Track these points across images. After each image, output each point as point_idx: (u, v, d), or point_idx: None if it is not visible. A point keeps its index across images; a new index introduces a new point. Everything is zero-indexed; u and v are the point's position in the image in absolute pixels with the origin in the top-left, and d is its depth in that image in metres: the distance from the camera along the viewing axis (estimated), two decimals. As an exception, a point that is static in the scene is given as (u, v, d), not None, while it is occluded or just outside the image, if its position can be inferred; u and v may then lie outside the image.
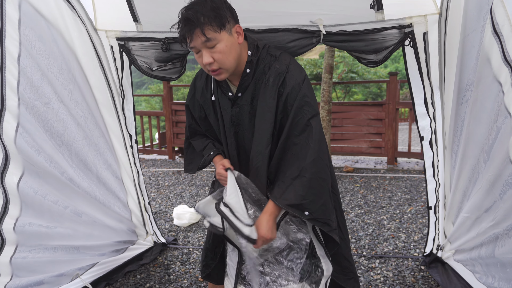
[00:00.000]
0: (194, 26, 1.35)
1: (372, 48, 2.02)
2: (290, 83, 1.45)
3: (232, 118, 1.56)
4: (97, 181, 2.36)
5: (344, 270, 1.65)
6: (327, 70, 5.20)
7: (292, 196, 1.41)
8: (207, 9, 1.36)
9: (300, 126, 1.44)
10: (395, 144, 5.86)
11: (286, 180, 1.44)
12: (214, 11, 1.37)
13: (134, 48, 2.34)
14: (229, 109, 1.56)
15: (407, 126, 7.30)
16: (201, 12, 1.35)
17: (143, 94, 21.62)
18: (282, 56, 1.53)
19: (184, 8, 1.40)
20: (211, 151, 1.66)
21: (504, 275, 1.63)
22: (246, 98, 1.52)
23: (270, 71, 1.48)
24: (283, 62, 1.50)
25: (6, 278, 1.79)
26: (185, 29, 1.37)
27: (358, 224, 3.58)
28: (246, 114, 1.53)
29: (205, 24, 1.35)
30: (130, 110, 2.63)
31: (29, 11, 1.86)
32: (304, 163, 1.42)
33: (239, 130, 1.56)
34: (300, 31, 2.03)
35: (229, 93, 1.55)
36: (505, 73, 1.38)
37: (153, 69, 2.32)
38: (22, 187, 1.80)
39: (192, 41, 1.38)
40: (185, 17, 1.37)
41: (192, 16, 1.35)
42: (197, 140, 1.76)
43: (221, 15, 1.39)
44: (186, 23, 1.37)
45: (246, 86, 1.51)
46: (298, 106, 1.44)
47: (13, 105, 1.75)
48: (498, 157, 1.49)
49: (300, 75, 1.48)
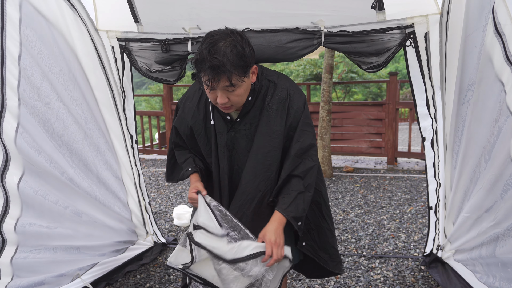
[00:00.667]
0: (221, 74, 1.33)
1: (373, 49, 2.01)
2: (293, 108, 1.54)
3: (227, 142, 1.58)
4: (98, 181, 2.35)
5: (332, 257, 1.75)
6: (327, 70, 5.20)
7: (295, 209, 1.50)
8: (234, 56, 1.34)
9: (304, 147, 1.54)
10: (395, 144, 5.86)
11: (291, 193, 1.51)
12: (241, 59, 1.36)
13: (134, 49, 2.34)
14: (225, 133, 1.58)
15: (407, 126, 7.31)
16: (229, 58, 1.32)
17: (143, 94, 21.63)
18: (281, 81, 1.57)
19: (210, 46, 1.34)
20: (189, 167, 1.64)
21: (505, 275, 1.63)
22: (244, 123, 1.56)
23: (273, 98, 1.54)
24: (283, 87, 1.55)
25: (7, 278, 1.79)
26: (211, 73, 1.34)
27: (358, 224, 3.58)
28: (243, 138, 1.56)
29: (232, 73, 1.34)
30: (130, 110, 2.62)
31: (29, 11, 1.86)
32: (310, 180, 1.54)
33: (233, 154, 1.59)
34: (301, 31, 2.03)
35: (228, 117, 1.57)
36: (507, 72, 1.38)
37: (152, 71, 2.31)
38: (23, 187, 1.80)
39: (213, 85, 1.36)
40: (212, 65, 1.32)
41: (219, 63, 1.32)
42: (180, 151, 1.74)
43: (247, 63, 1.39)
44: (213, 70, 1.33)
45: (247, 112, 1.55)
46: (301, 129, 1.54)
47: (13, 105, 1.75)
48: (499, 157, 1.49)
49: (300, 99, 1.56)
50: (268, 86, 1.55)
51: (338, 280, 2.56)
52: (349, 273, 2.65)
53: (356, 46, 2.04)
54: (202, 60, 1.34)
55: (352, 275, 2.62)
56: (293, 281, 2.57)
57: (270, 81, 1.56)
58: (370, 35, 2.02)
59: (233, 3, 2.04)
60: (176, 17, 2.15)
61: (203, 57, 1.33)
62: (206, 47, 1.34)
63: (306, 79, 13.36)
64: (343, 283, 2.52)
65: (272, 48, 2.04)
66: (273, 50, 2.04)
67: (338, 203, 4.24)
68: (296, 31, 2.04)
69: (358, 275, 2.62)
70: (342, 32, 2.04)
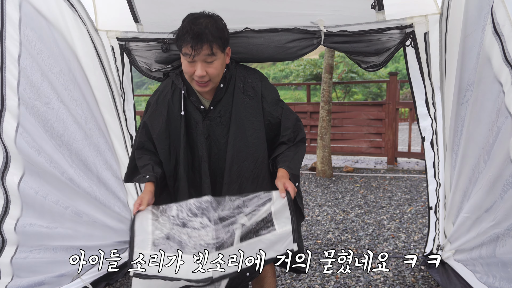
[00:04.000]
0: (204, 41, 1.48)
1: (373, 49, 2.01)
2: (268, 95, 1.70)
3: (203, 131, 1.67)
4: (98, 181, 2.35)
5: (299, 233, 1.84)
6: (327, 70, 5.20)
7: (295, 166, 1.66)
8: (215, 29, 1.52)
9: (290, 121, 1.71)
10: (395, 144, 5.86)
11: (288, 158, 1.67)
12: (220, 32, 1.54)
13: (134, 49, 2.34)
14: (201, 122, 1.67)
15: (407, 126, 7.31)
16: (210, 30, 1.50)
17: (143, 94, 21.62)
18: (251, 71, 1.74)
19: (191, 21, 1.52)
20: (147, 174, 1.64)
21: (505, 275, 1.63)
22: (218, 111, 1.67)
23: (245, 85, 1.68)
24: (254, 76, 1.72)
25: (7, 278, 1.79)
26: (193, 41, 1.48)
27: (358, 224, 3.58)
28: (218, 125, 1.67)
29: (213, 42, 1.50)
30: (130, 110, 2.62)
31: (29, 11, 1.86)
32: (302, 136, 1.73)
33: (210, 142, 1.68)
34: (300, 31, 2.03)
35: (201, 107, 1.67)
36: (505, 73, 1.38)
37: (152, 70, 2.31)
38: (23, 187, 1.80)
39: (196, 53, 1.49)
40: (196, 32, 1.48)
41: (202, 32, 1.48)
42: (141, 156, 1.73)
43: (225, 37, 1.58)
44: (196, 36, 1.48)
45: (219, 100, 1.66)
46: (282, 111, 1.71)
47: (13, 105, 1.75)
48: (499, 157, 1.49)
49: (272, 87, 1.74)
50: (237, 75, 1.70)
51: (338, 280, 2.56)
52: (349, 273, 2.65)
53: (355, 45, 2.04)
54: (185, 32, 1.50)
55: (352, 275, 2.62)
56: (293, 281, 2.57)
57: (241, 71, 1.72)
58: (369, 35, 2.02)
59: (233, 3, 2.04)
60: (176, 16, 2.14)
61: (186, 30, 1.49)
62: (188, 22, 1.52)
63: (306, 79, 13.36)
64: (343, 283, 2.52)
65: (271, 47, 2.05)
66: (273, 49, 2.05)
67: (338, 203, 4.24)
68: (295, 31, 2.04)
69: (358, 275, 2.62)
70: (341, 32, 2.04)
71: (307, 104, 6.53)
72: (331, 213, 3.94)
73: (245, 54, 2.02)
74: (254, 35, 2.06)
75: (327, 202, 4.31)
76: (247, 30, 2.07)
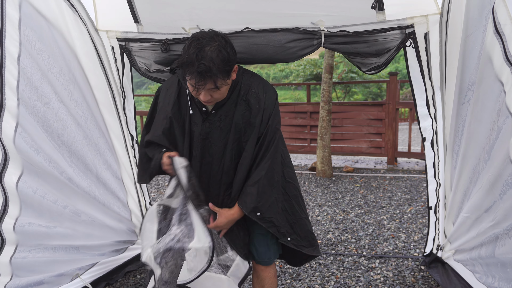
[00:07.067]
0: (208, 78, 1.43)
1: (373, 50, 2.01)
2: (267, 108, 1.63)
3: (201, 132, 1.66)
4: (97, 181, 2.35)
5: (311, 242, 1.84)
6: (327, 70, 5.20)
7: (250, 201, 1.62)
8: (219, 61, 1.43)
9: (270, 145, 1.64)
10: (395, 144, 5.86)
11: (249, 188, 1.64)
12: (225, 63, 1.45)
13: (134, 49, 2.34)
14: (200, 124, 1.66)
15: (407, 126, 7.30)
16: (215, 63, 1.42)
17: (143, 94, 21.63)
18: (256, 80, 1.67)
19: (197, 51, 1.41)
20: (162, 149, 1.68)
21: (504, 275, 1.63)
22: (219, 115, 1.64)
23: (248, 94, 1.63)
24: (258, 86, 1.65)
25: (6, 278, 1.79)
26: (197, 77, 1.43)
27: (358, 224, 3.58)
28: (217, 129, 1.65)
29: (217, 77, 1.44)
30: (130, 111, 2.62)
31: (29, 11, 1.85)
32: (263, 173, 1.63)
33: (205, 144, 1.67)
34: (301, 31, 2.03)
35: (203, 109, 1.65)
36: (506, 72, 1.37)
37: (151, 71, 2.31)
38: (21, 186, 1.80)
39: (199, 87, 1.46)
40: (199, 71, 1.41)
41: (206, 69, 1.41)
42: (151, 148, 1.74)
43: (231, 67, 1.50)
44: (200, 73, 1.41)
45: (222, 105, 1.63)
46: (272, 130, 1.64)
47: (12, 105, 1.75)
48: (499, 157, 1.49)
49: (273, 96, 1.67)
50: (243, 82, 1.65)
51: (338, 280, 2.56)
52: (349, 273, 2.65)
53: (356, 46, 2.04)
54: (189, 64, 1.42)
55: (352, 275, 2.62)
56: (293, 281, 2.57)
57: (248, 78, 1.67)
58: (370, 36, 2.01)
59: (233, 3, 2.04)
60: (176, 17, 2.15)
61: (191, 61, 1.42)
62: (194, 52, 1.42)
63: (306, 79, 13.37)
64: (343, 283, 2.52)
65: (271, 48, 2.04)
66: (273, 50, 2.04)
67: (338, 203, 4.24)
68: (296, 31, 2.03)
69: (358, 275, 2.62)
70: (342, 32, 2.03)
71: (307, 104, 6.52)
72: (331, 213, 3.94)
73: (245, 54, 2.01)
74: (254, 35, 2.06)
75: (327, 202, 4.31)
76: (247, 30, 2.07)
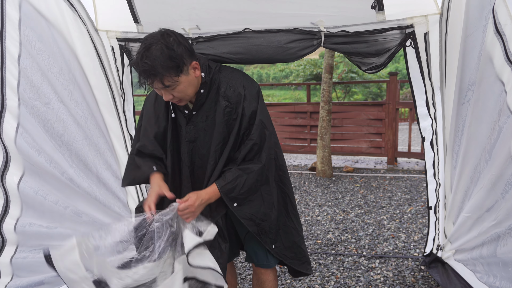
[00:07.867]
0: (152, 77, 1.40)
1: (373, 50, 2.01)
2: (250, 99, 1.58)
3: (186, 135, 1.63)
4: (97, 181, 2.35)
5: (298, 256, 1.78)
6: (327, 70, 5.20)
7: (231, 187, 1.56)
8: (165, 58, 1.39)
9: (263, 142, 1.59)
10: (395, 144, 5.86)
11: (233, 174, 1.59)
12: (171, 60, 1.40)
13: (134, 49, 2.34)
14: (184, 126, 1.63)
15: (407, 126, 7.30)
16: (159, 62, 1.38)
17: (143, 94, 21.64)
18: (235, 75, 1.63)
19: (140, 55, 1.40)
20: (153, 166, 1.63)
21: (506, 274, 1.63)
22: (201, 116, 1.61)
23: (227, 91, 1.58)
24: (238, 81, 1.60)
25: (7, 278, 1.79)
26: (143, 78, 1.42)
27: (358, 224, 3.58)
28: (201, 130, 1.61)
29: (163, 75, 1.40)
30: (130, 111, 2.62)
31: (29, 11, 1.85)
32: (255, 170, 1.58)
33: (193, 147, 1.63)
34: (301, 31, 2.03)
35: (185, 111, 1.62)
36: (507, 72, 1.37)
37: None
38: (23, 187, 1.80)
39: (149, 86, 1.47)
40: (143, 70, 1.39)
41: (149, 68, 1.38)
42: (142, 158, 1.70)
43: (178, 63, 1.43)
44: (144, 74, 1.40)
45: (201, 105, 1.60)
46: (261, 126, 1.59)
47: (13, 105, 1.75)
48: (500, 157, 1.49)
49: (254, 89, 1.61)
50: (221, 79, 1.61)
51: (338, 280, 2.56)
52: (349, 273, 2.65)
53: (356, 46, 2.04)
54: (135, 64, 1.43)
55: (352, 275, 2.62)
56: (293, 281, 2.56)
57: (226, 74, 1.62)
58: (370, 36, 2.02)
59: (233, 3, 2.04)
60: (176, 17, 2.15)
61: (136, 62, 1.42)
62: (140, 52, 1.42)
63: (306, 79, 13.38)
64: (343, 283, 2.51)
65: (271, 48, 2.04)
66: (273, 50, 2.05)
67: (338, 203, 4.24)
68: (295, 32, 2.03)
69: (358, 275, 2.62)
70: (342, 32, 2.03)
71: (307, 104, 6.53)
72: (331, 213, 3.94)
73: (245, 54, 2.01)
74: (254, 36, 2.06)
75: (327, 202, 4.31)
76: (247, 31, 2.07)
